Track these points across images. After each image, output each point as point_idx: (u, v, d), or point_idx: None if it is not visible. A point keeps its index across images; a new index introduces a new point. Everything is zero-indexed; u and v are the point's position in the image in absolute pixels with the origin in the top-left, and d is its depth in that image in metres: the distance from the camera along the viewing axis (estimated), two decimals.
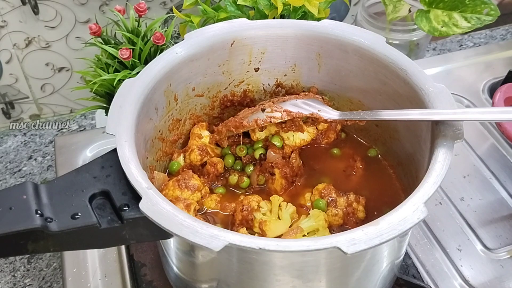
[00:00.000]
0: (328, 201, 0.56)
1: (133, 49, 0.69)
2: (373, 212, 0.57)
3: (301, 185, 0.60)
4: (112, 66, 0.70)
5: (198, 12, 0.77)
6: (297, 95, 0.62)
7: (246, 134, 0.63)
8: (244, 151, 0.62)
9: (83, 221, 0.43)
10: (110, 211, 0.45)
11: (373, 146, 0.65)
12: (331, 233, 0.54)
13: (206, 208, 0.57)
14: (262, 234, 0.53)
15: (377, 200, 0.58)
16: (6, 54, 0.88)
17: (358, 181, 0.61)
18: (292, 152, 0.61)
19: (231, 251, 0.44)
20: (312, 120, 0.62)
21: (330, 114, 0.60)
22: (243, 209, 0.54)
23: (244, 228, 0.54)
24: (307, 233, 0.52)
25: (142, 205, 0.42)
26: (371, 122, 0.63)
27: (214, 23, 0.62)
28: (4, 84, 0.91)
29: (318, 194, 0.57)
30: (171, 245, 0.51)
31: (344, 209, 0.55)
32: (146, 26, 0.72)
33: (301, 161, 0.61)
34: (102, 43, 0.71)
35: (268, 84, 0.66)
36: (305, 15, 0.76)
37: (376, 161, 0.63)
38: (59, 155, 0.75)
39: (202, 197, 0.57)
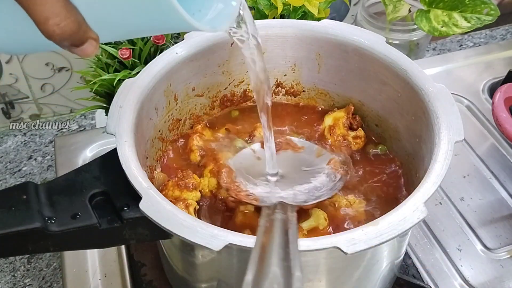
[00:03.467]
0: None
1: (133, 49, 0.69)
2: (373, 214, 0.57)
3: None
4: (112, 66, 0.70)
5: None
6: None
7: None
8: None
9: (83, 221, 0.43)
10: (110, 211, 0.45)
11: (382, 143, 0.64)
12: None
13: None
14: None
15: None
16: (6, 54, 0.87)
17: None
18: None
19: (231, 251, 0.44)
20: None
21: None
22: None
23: (249, 230, 0.54)
24: (306, 232, 0.52)
25: (142, 205, 0.42)
26: (371, 122, 0.63)
27: None
28: (4, 84, 0.91)
29: None
30: (171, 245, 0.51)
31: (344, 212, 0.55)
32: None
33: None
34: (102, 43, 0.71)
35: None
36: (305, 15, 0.76)
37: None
38: (59, 155, 0.75)
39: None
